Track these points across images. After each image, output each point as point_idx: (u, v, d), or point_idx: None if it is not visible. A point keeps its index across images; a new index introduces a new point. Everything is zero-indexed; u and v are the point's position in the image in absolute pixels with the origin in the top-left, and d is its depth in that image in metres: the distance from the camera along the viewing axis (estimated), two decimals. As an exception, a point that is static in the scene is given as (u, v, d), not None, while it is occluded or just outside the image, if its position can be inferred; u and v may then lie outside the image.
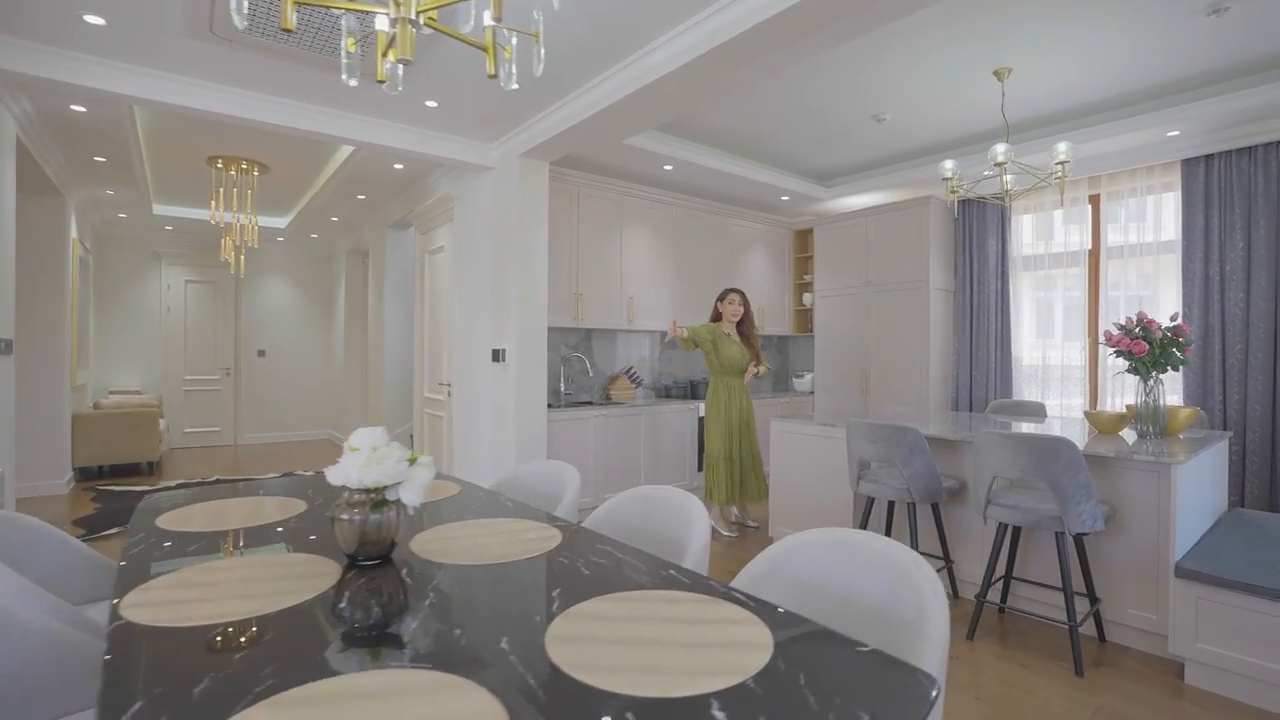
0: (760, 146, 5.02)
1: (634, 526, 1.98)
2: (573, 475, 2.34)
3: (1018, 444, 2.46)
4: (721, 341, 4.24)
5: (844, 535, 1.47)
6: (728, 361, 4.22)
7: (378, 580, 1.35)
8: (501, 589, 1.31)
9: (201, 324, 8.09)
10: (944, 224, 5.42)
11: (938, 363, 5.35)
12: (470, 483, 2.35)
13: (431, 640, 1.07)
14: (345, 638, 1.09)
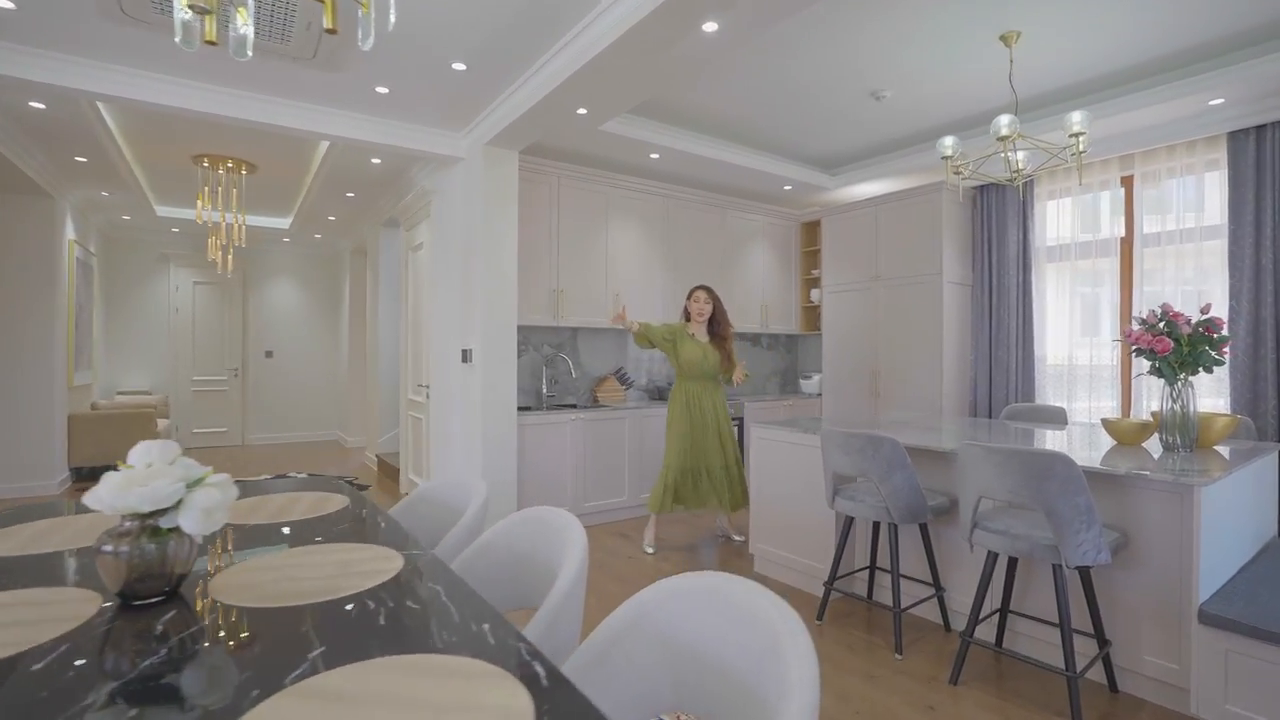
0: (754, 132, 4.67)
1: (517, 552, 1.70)
2: (480, 490, 2.08)
3: (1005, 460, 2.08)
4: (683, 341, 3.86)
5: (716, 582, 1.16)
6: (687, 364, 3.84)
7: (122, 629, 1.09)
8: (260, 643, 1.04)
9: (209, 325, 8.13)
10: (959, 212, 4.98)
11: (953, 363, 4.90)
12: (366, 498, 2.10)
13: (102, 714, 0.81)
14: (26, 705, 0.83)
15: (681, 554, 3.88)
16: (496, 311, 4.03)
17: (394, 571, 1.38)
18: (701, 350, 3.84)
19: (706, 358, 3.84)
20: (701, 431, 3.82)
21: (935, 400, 4.85)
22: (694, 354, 3.82)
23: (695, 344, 3.85)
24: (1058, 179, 4.67)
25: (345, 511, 1.92)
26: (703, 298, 3.92)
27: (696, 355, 3.82)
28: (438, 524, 2.22)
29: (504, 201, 4.05)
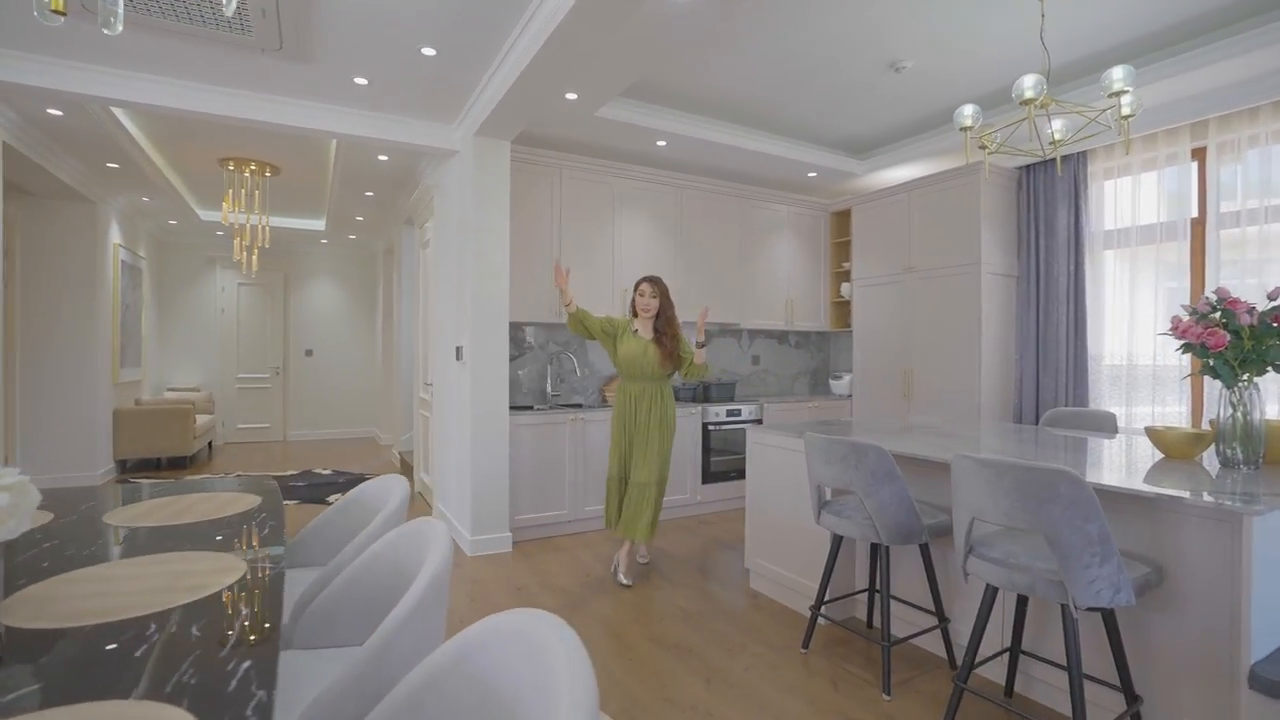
0: (770, 115, 4.35)
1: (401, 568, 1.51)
2: (397, 493, 1.92)
3: (999, 475, 1.73)
4: (624, 338, 3.43)
5: (524, 623, 0.93)
6: (624, 361, 3.41)
7: None
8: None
9: (253, 325, 8.41)
10: (1001, 196, 4.49)
11: (994, 362, 4.43)
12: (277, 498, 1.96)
13: None
14: None
15: (668, 580, 3.61)
16: (487, 307, 3.88)
17: (216, 588, 1.21)
18: (641, 347, 3.38)
19: (645, 355, 3.36)
20: (632, 438, 3.40)
21: (973, 403, 4.39)
22: (632, 350, 3.38)
23: (635, 340, 3.41)
24: (1115, 154, 4.13)
25: (245, 514, 1.79)
26: (648, 290, 3.44)
27: (634, 352, 3.38)
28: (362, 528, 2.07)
29: (495, 194, 3.90)
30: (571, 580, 3.37)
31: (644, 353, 3.38)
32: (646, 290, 3.45)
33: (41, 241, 5.58)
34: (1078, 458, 2.26)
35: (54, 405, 5.61)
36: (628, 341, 3.41)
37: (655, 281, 3.47)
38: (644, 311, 3.44)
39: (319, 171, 5.76)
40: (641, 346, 3.39)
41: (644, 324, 3.47)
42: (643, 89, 3.96)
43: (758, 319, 5.36)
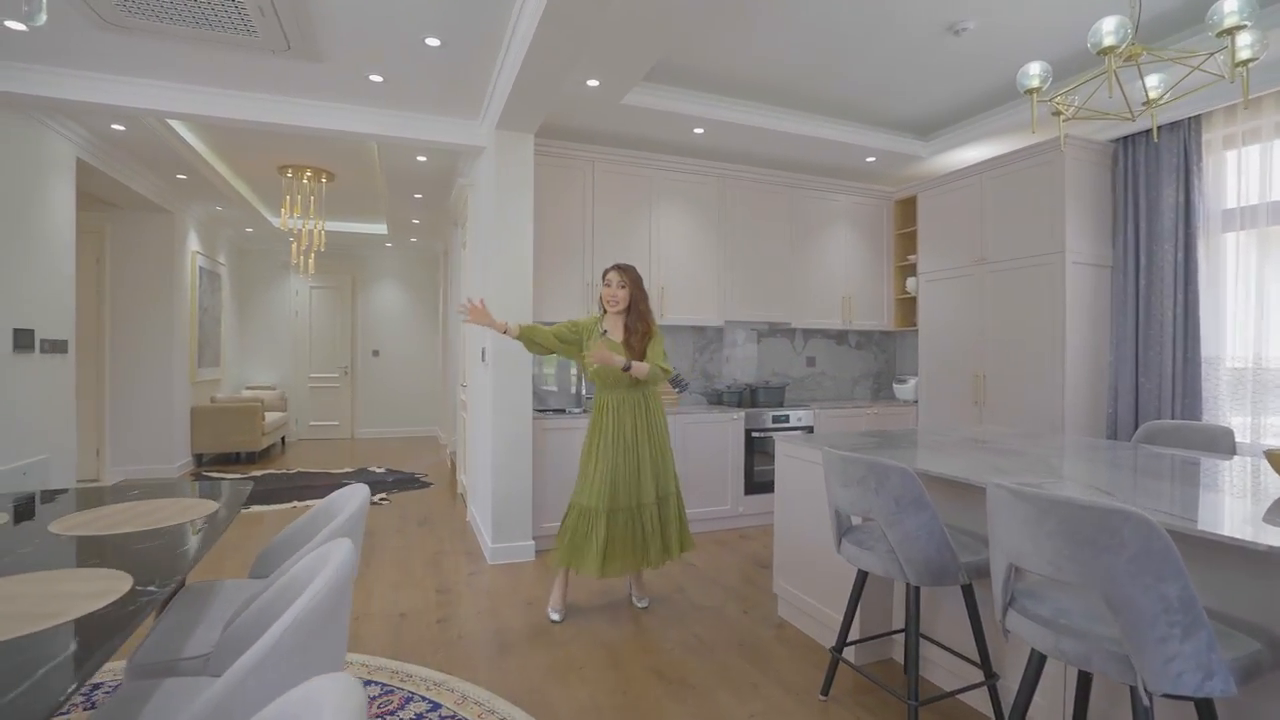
0: (816, 93, 3.97)
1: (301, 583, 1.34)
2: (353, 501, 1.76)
3: (1040, 513, 1.36)
4: (592, 342, 2.85)
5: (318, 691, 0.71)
6: (596, 371, 2.87)
7: None
8: None
9: (324, 326, 8.78)
10: (1090, 174, 3.90)
11: (1082, 365, 3.84)
12: (221, 511, 1.85)
13: None
14: None
15: (689, 601, 3.32)
16: (510, 305, 3.74)
17: (68, 616, 1.08)
18: (617, 351, 2.85)
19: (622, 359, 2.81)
20: (623, 459, 2.83)
21: (1055, 412, 3.83)
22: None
23: (608, 343, 2.87)
24: (1237, 117, 3.46)
25: (185, 525, 1.68)
26: (615, 280, 2.90)
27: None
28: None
29: (517, 188, 3.76)
30: (588, 595, 3.16)
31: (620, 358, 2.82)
32: (614, 279, 2.91)
33: (127, 250, 5.98)
34: (1174, 488, 1.81)
35: (138, 402, 6.00)
36: (596, 345, 2.83)
37: (625, 269, 2.94)
38: (611, 305, 2.90)
39: (370, 176, 5.87)
40: (613, 351, 2.84)
41: (614, 321, 2.95)
42: (675, 73, 3.70)
43: (811, 318, 4.96)
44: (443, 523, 4.54)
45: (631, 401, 2.90)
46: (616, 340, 2.90)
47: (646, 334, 2.90)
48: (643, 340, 2.88)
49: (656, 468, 2.91)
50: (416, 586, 3.30)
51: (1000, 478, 1.88)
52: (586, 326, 2.95)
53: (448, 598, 3.15)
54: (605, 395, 2.92)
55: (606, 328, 2.94)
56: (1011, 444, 2.64)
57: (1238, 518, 1.49)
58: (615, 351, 2.84)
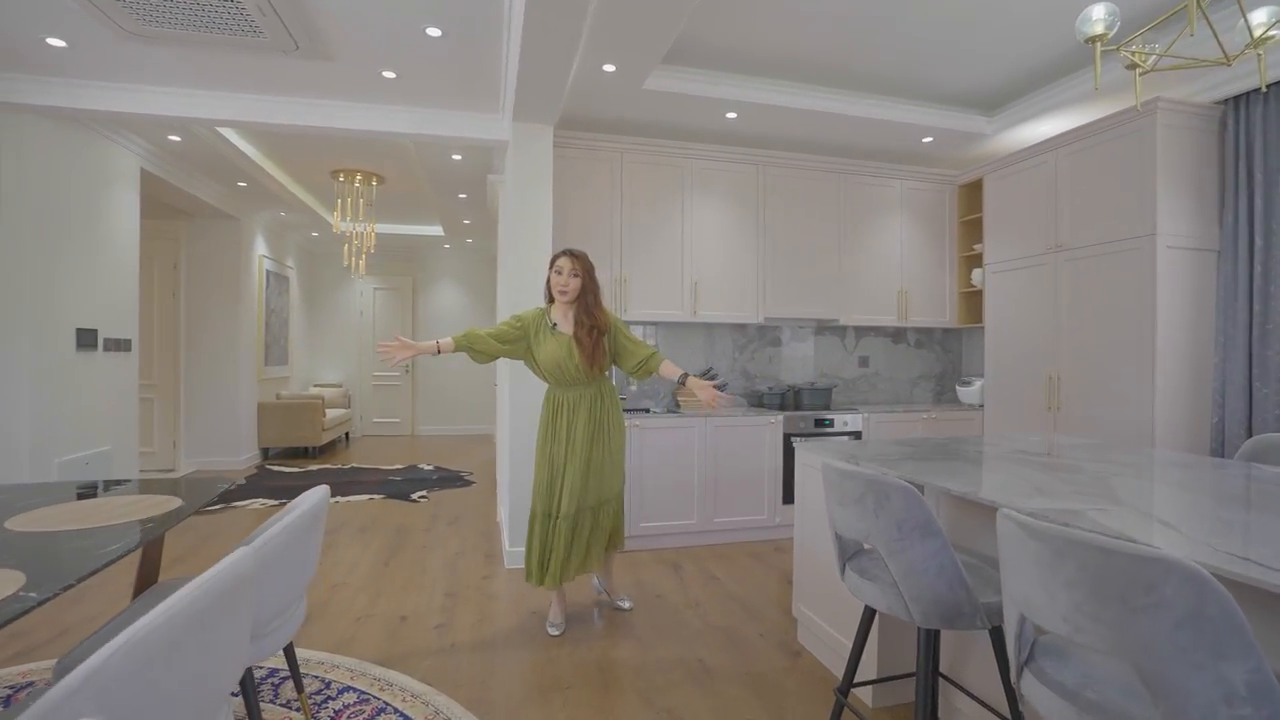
0: (861, 67, 3.63)
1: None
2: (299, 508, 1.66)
3: (1055, 556, 1.06)
4: (540, 338, 2.67)
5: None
6: (546, 368, 2.68)
7: None
8: None
9: (386, 325, 9.07)
10: (1191, 142, 3.34)
11: (1178, 366, 3.31)
12: (181, 510, 1.80)
13: None
14: None
15: (701, 618, 3.07)
16: (527, 303, 3.62)
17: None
18: (564, 348, 2.64)
19: (571, 358, 2.64)
20: (570, 457, 2.66)
21: (1144, 420, 3.30)
22: (552, 354, 2.65)
23: (554, 340, 2.66)
24: (1383, 66, 2.85)
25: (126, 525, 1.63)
26: (567, 267, 2.65)
27: (556, 355, 2.64)
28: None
29: (536, 182, 3.63)
30: (588, 603, 2.98)
31: (568, 355, 2.65)
32: (565, 266, 2.65)
33: (200, 256, 6.36)
34: (1268, 524, 1.42)
35: (209, 398, 6.36)
36: (545, 343, 2.67)
37: (577, 256, 2.68)
38: (560, 294, 2.66)
39: (416, 178, 5.95)
40: (564, 347, 2.65)
41: (563, 313, 2.72)
42: (700, 55, 3.47)
43: (861, 314, 4.57)
44: (473, 523, 4.50)
45: (588, 399, 2.70)
46: (566, 334, 2.68)
47: (595, 328, 2.66)
48: (591, 335, 2.65)
49: (604, 471, 2.72)
50: (426, 588, 3.23)
51: (1032, 501, 1.55)
52: (532, 320, 2.73)
53: (453, 602, 3.06)
54: (559, 393, 2.73)
55: (555, 320, 2.72)
56: (1073, 458, 2.24)
57: (1348, 568, 1.12)
58: (561, 345, 2.65)
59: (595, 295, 2.71)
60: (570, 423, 2.69)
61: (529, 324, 2.72)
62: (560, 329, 2.70)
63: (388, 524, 4.45)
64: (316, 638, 2.65)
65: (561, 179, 3.98)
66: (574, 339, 2.66)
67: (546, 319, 2.73)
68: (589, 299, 2.68)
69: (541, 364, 2.70)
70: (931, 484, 1.82)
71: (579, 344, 2.64)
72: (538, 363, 2.71)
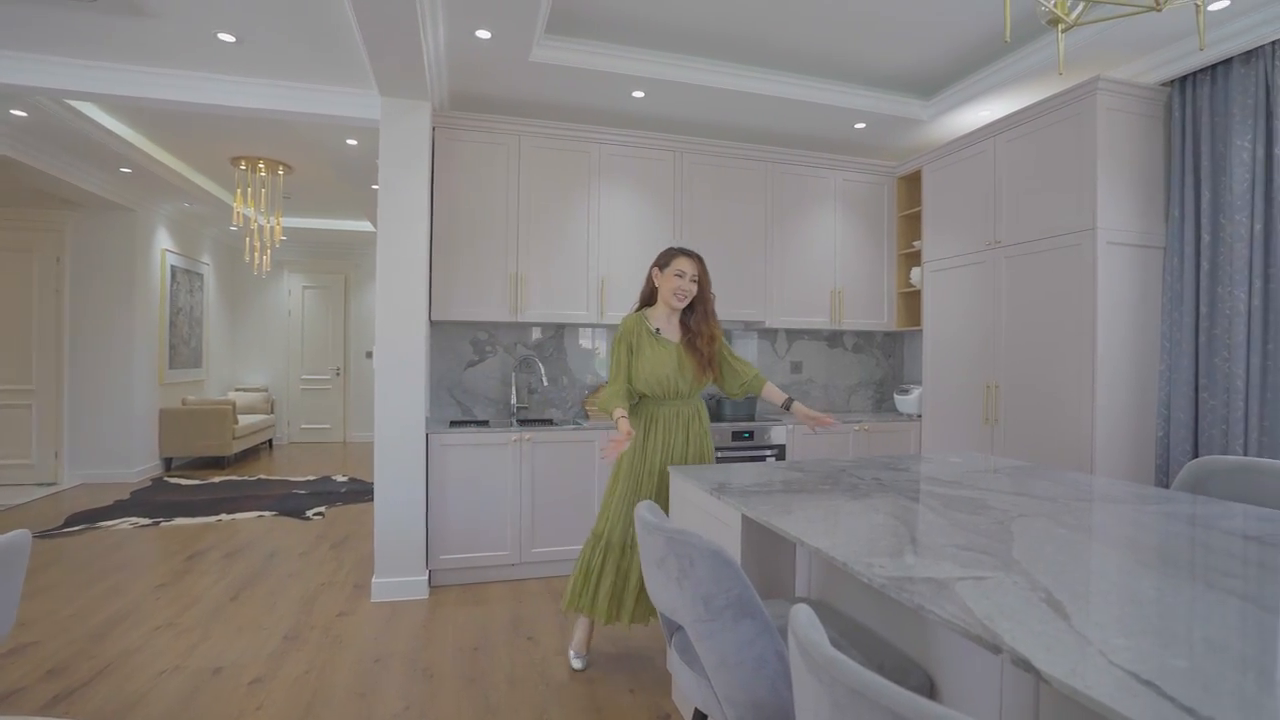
0: (782, 42, 3.26)
1: None
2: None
3: (839, 708, 0.66)
4: (645, 344, 2.38)
5: None
6: (650, 379, 2.36)
7: None
8: None
9: (316, 327, 8.53)
10: (1133, 127, 3.01)
11: (1120, 375, 2.97)
12: None
13: None
14: None
15: (624, 671, 2.66)
16: (401, 303, 3.19)
17: None
18: (672, 357, 2.37)
19: (681, 372, 2.37)
20: (660, 483, 2.38)
21: (1082, 436, 2.96)
22: (659, 365, 2.36)
23: (660, 347, 2.38)
24: (1340, 39, 2.53)
25: None
26: (690, 269, 2.37)
27: (660, 366, 2.35)
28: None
29: (410, 165, 3.20)
30: (449, 651, 2.55)
31: (677, 366, 2.37)
32: (688, 269, 2.37)
33: (87, 249, 5.80)
34: (1225, 627, 1.04)
35: (98, 404, 5.80)
36: (650, 350, 2.37)
37: (699, 258, 2.42)
38: (679, 300, 2.38)
39: (326, 167, 5.47)
40: (672, 357, 2.38)
41: (668, 319, 2.45)
42: (601, 25, 3.08)
43: (791, 316, 4.19)
44: (362, 545, 4.03)
45: (686, 415, 2.44)
46: (672, 343, 2.41)
47: (713, 337, 2.43)
48: (710, 344, 2.42)
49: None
50: (265, 629, 2.77)
51: (897, 561, 1.16)
52: (631, 329, 2.41)
53: (289, 646, 2.61)
54: (654, 407, 2.42)
55: (659, 326, 2.43)
56: (986, 488, 1.86)
57: (1294, 703, 0.73)
58: (669, 355, 2.38)
59: (712, 302, 2.46)
60: (667, 442, 2.40)
61: (630, 334, 2.40)
62: (664, 335, 2.42)
63: (263, 547, 3.97)
64: (94, 702, 2.18)
65: (450, 165, 3.55)
66: (685, 347, 2.40)
67: (646, 324, 2.42)
68: (709, 305, 2.44)
69: (644, 374, 2.36)
70: (785, 531, 1.42)
71: (694, 353, 2.38)
72: (641, 371, 2.37)
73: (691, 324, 2.43)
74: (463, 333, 3.91)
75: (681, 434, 2.42)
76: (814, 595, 1.79)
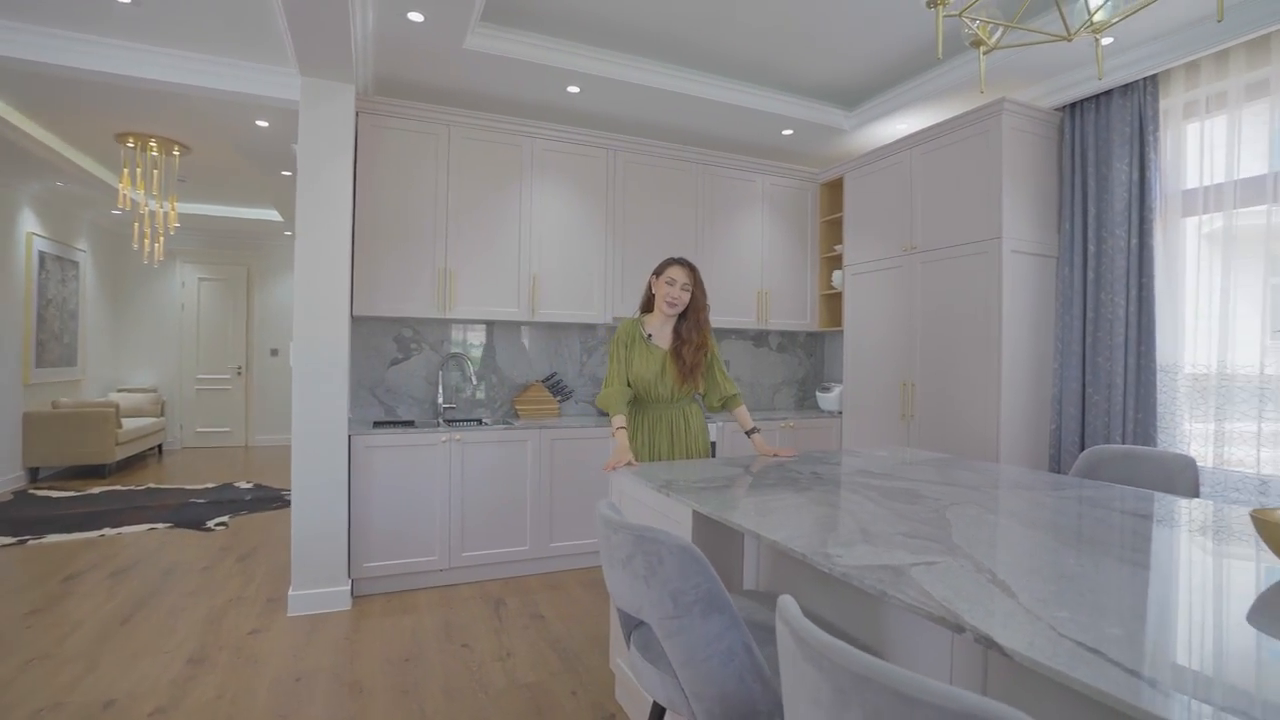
0: (714, 47, 3.31)
1: None
2: None
3: (841, 694, 0.68)
4: (637, 350, 2.45)
5: None
6: (636, 382, 2.44)
7: None
8: None
9: (214, 322, 7.89)
10: (1034, 146, 3.29)
11: (1022, 373, 3.23)
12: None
13: None
14: None
15: (565, 674, 2.61)
16: (323, 300, 3.00)
17: None
18: (657, 364, 2.43)
19: (662, 378, 2.43)
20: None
21: (989, 429, 3.21)
22: (644, 370, 2.42)
23: (649, 354, 2.44)
24: (1202, 77, 2.88)
25: None
26: (681, 277, 2.42)
27: (647, 371, 2.42)
28: None
29: (332, 151, 3.02)
30: (378, 663, 2.42)
31: (660, 371, 2.42)
32: (679, 277, 2.41)
33: (-65, 229, 5.08)
34: (1119, 588, 1.15)
35: (-53, 408, 5.09)
36: (638, 355, 2.44)
37: (692, 268, 2.46)
38: (670, 308, 2.42)
39: (226, 148, 5.06)
40: (657, 363, 2.43)
41: (660, 325, 2.49)
42: (539, 17, 3.02)
43: (718, 315, 4.21)
44: (273, 556, 3.76)
45: (669, 418, 2.49)
46: (660, 349, 2.46)
47: (702, 346, 2.45)
48: (696, 354, 2.44)
49: None
50: (166, 653, 2.53)
51: (854, 550, 1.21)
52: (626, 333, 2.47)
53: (196, 671, 2.39)
54: (642, 409, 2.49)
55: (650, 331, 2.49)
56: (915, 479, 1.97)
57: (1226, 666, 0.83)
58: (654, 361, 2.43)
59: (706, 311, 2.48)
60: (652, 443, 2.47)
61: (625, 336, 2.47)
62: (655, 342, 2.48)
63: (157, 563, 3.62)
64: (-42, 748, 1.92)
65: (374, 152, 3.38)
66: (672, 354, 2.44)
67: (640, 330, 2.48)
68: (701, 315, 2.45)
69: (636, 378, 2.43)
70: (739, 525, 1.45)
71: (679, 361, 2.41)
72: (633, 375, 2.44)
73: (682, 331, 2.47)
74: (386, 329, 3.73)
75: (666, 436, 2.48)
76: (762, 587, 1.83)
